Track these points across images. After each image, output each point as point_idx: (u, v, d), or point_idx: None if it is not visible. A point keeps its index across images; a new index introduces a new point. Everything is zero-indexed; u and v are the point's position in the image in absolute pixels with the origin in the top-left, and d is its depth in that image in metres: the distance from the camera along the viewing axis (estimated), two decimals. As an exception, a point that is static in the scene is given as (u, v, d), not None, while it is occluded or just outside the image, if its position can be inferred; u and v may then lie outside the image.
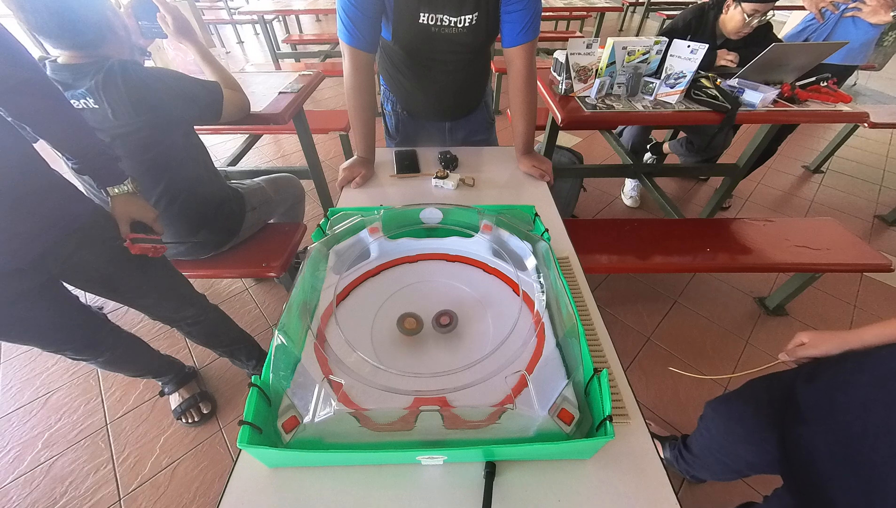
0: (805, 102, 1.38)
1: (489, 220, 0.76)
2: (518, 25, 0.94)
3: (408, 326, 0.63)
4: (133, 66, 0.90)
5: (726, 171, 1.93)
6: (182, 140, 1.07)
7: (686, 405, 1.35)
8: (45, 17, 0.78)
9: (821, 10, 1.82)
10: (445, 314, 0.64)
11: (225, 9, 5.13)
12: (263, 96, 1.41)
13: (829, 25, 1.85)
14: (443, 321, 0.64)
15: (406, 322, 0.63)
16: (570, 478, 0.51)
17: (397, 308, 0.68)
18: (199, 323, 1.16)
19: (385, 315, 0.67)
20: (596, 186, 2.46)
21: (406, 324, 0.63)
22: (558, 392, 0.51)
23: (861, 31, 1.80)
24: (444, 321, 0.64)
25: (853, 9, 1.76)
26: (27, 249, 0.75)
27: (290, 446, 0.50)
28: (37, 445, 1.26)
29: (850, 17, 1.79)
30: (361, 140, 1.09)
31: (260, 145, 2.93)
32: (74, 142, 0.79)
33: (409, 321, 0.63)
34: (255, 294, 1.77)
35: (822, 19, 1.85)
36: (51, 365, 1.48)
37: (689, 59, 1.24)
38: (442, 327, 0.63)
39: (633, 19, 6.74)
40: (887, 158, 2.88)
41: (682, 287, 1.80)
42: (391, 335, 0.64)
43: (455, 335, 0.64)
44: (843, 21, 1.81)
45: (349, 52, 0.95)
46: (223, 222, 1.24)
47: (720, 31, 1.68)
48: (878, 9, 1.71)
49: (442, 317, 0.64)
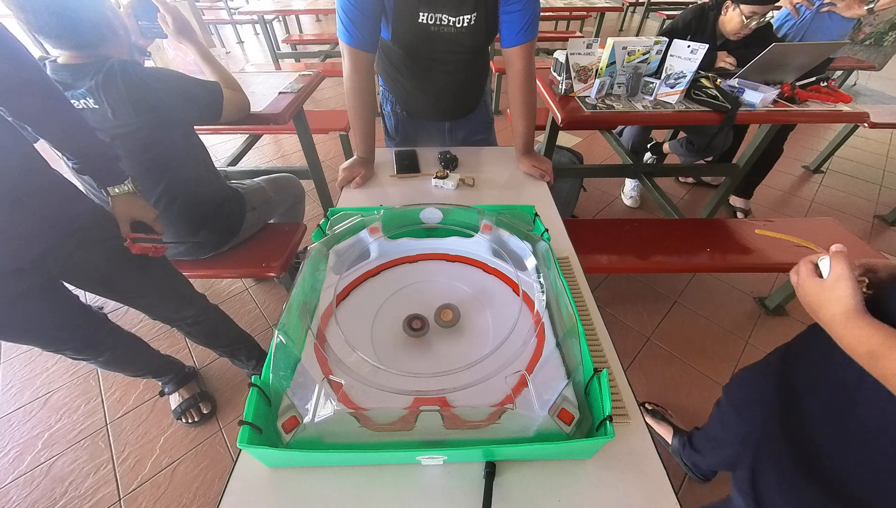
0: (805, 102, 1.38)
1: (489, 220, 0.76)
2: (517, 25, 0.94)
3: (415, 326, 0.63)
4: (133, 66, 0.90)
5: (726, 171, 1.93)
6: (182, 140, 1.07)
7: (686, 404, 1.35)
8: (45, 18, 0.78)
9: (796, 6, 1.83)
10: (448, 308, 0.64)
11: (225, 9, 5.13)
12: (263, 96, 1.41)
13: (806, 21, 1.85)
14: (444, 317, 0.64)
15: (413, 323, 0.63)
16: (570, 478, 0.51)
17: (397, 308, 0.68)
18: (199, 323, 1.16)
19: (385, 315, 0.67)
20: (596, 186, 2.46)
21: (413, 325, 0.63)
22: (558, 392, 0.51)
23: (836, 26, 1.81)
24: (445, 316, 0.64)
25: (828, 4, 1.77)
26: (27, 249, 0.75)
27: (290, 446, 0.50)
28: (37, 445, 1.26)
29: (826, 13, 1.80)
30: (361, 140, 1.09)
31: (260, 145, 2.93)
32: (75, 142, 0.79)
33: (416, 322, 0.63)
34: (255, 294, 1.77)
35: (797, 15, 1.85)
36: (51, 365, 1.48)
37: (689, 59, 1.24)
38: (444, 322, 0.63)
39: (633, 19, 6.74)
40: (887, 158, 2.88)
41: (682, 287, 1.80)
42: (391, 335, 0.64)
43: (456, 334, 0.64)
44: (818, 16, 1.82)
45: (349, 52, 0.95)
46: (223, 222, 1.24)
47: (720, 32, 1.68)
48: (852, 3, 1.73)
49: (443, 312, 0.64)
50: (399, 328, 0.64)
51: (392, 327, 0.65)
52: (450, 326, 0.63)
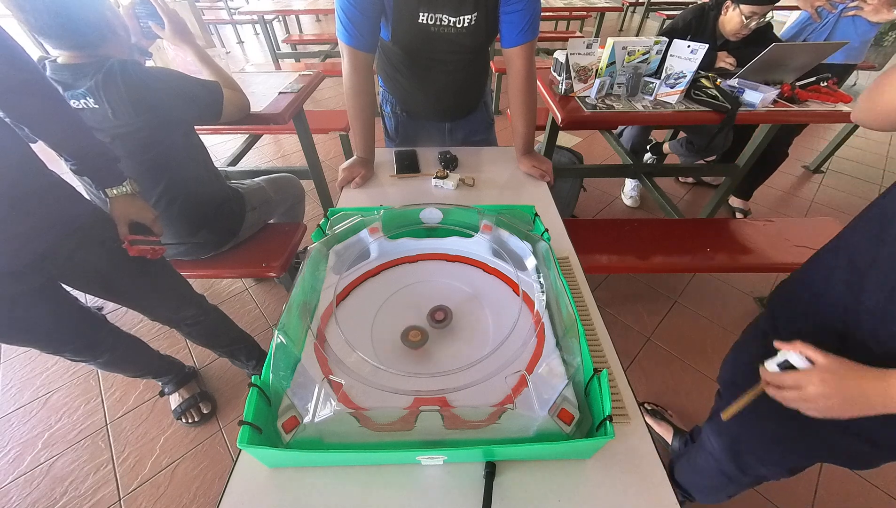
0: (805, 102, 1.38)
1: (489, 220, 0.76)
2: (517, 26, 0.94)
3: (413, 338, 0.62)
4: (133, 66, 0.90)
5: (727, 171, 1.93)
6: (182, 140, 1.07)
7: (686, 404, 1.35)
8: (44, 18, 0.78)
9: (817, 10, 1.82)
10: (440, 310, 0.64)
11: (225, 9, 5.13)
12: (263, 96, 1.41)
13: (829, 25, 1.84)
14: (437, 317, 0.64)
15: (411, 335, 0.62)
16: (570, 478, 0.51)
17: (397, 308, 0.68)
18: (199, 323, 1.16)
19: (385, 315, 0.67)
20: (596, 186, 2.46)
21: (411, 337, 0.62)
22: (558, 392, 0.51)
23: (861, 30, 1.80)
24: (438, 316, 0.64)
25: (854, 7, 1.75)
26: (26, 250, 0.75)
27: (290, 446, 0.50)
28: (37, 445, 1.26)
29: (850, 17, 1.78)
30: (361, 140, 1.09)
31: (260, 145, 2.93)
32: (73, 142, 0.79)
33: (414, 334, 0.62)
34: (255, 294, 1.77)
35: (818, 19, 1.84)
36: (51, 365, 1.48)
37: (689, 59, 1.24)
38: (437, 322, 0.63)
39: (633, 19, 6.74)
40: (887, 158, 2.88)
41: (683, 287, 1.80)
42: (391, 335, 0.64)
43: (456, 335, 0.64)
44: (842, 20, 1.81)
45: (348, 52, 0.95)
46: (223, 222, 1.24)
47: (720, 32, 1.68)
48: (879, 7, 1.71)
49: (436, 313, 0.64)
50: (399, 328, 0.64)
51: (392, 327, 0.65)
52: (443, 327, 0.63)
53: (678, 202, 2.37)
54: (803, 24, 1.92)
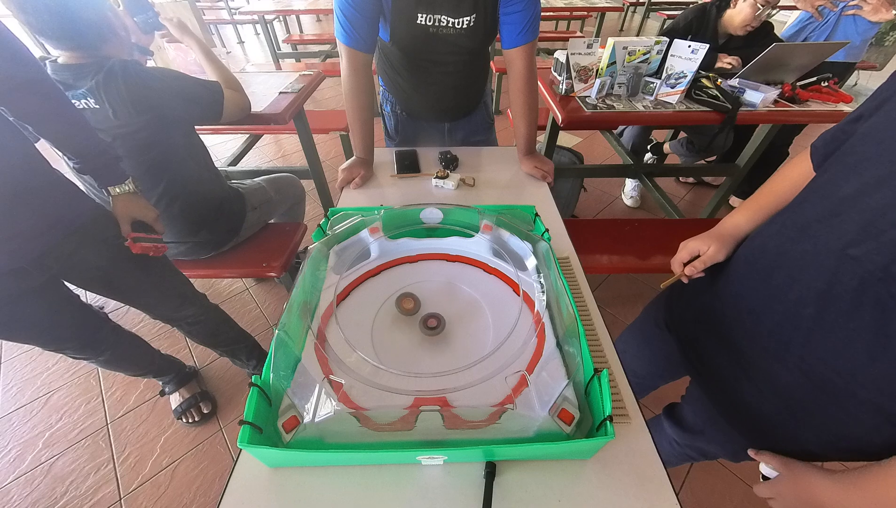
0: (806, 102, 1.38)
1: (489, 220, 0.76)
2: (517, 27, 0.94)
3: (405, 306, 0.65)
4: (134, 66, 0.90)
5: (727, 171, 1.93)
6: (183, 140, 1.07)
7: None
8: (45, 19, 0.78)
9: (818, 9, 1.82)
10: (433, 317, 0.64)
11: (225, 9, 5.14)
12: (264, 96, 1.41)
13: (830, 24, 1.84)
14: (430, 324, 0.64)
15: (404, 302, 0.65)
16: (570, 478, 0.51)
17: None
18: (200, 323, 1.16)
19: (385, 315, 0.67)
20: (596, 186, 2.46)
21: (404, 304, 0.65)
22: (558, 392, 0.51)
23: (862, 29, 1.80)
24: (431, 323, 0.64)
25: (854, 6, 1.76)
26: (28, 248, 0.75)
27: (291, 446, 0.50)
28: (37, 444, 1.26)
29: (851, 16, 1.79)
30: (360, 141, 1.09)
31: (260, 145, 2.94)
32: (76, 142, 0.79)
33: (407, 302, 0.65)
34: (255, 294, 1.77)
35: (819, 17, 1.84)
36: (51, 365, 1.49)
37: (690, 59, 1.24)
38: (430, 329, 0.63)
39: (633, 19, 6.74)
40: (888, 158, 2.87)
41: (683, 287, 1.79)
42: (391, 335, 0.64)
43: (455, 334, 0.64)
44: (843, 19, 1.81)
45: (347, 52, 0.95)
46: (224, 221, 1.24)
47: (722, 31, 1.68)
48: (879, 7, 1.71)
49: (429, 320, 0.64)
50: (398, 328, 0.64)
51: (392, 327, 0.65)
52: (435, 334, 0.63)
53: (679, 202, 2.37)
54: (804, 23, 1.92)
